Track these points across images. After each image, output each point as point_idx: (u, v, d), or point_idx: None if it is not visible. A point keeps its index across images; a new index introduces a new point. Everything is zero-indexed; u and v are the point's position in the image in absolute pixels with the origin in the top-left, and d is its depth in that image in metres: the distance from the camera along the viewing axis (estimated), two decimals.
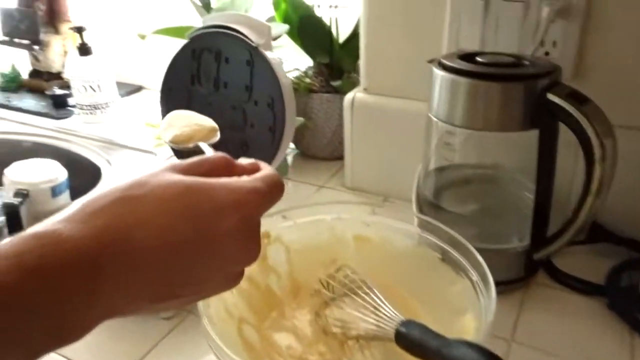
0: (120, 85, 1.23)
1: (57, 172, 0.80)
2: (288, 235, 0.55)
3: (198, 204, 0.29)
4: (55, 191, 0.79)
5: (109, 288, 0.26)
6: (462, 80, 0.54)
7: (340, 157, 0.88)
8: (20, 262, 0.24)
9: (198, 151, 0.42)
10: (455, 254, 0.50)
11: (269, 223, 0.54)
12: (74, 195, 0.83)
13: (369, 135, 0.76)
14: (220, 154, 0.35)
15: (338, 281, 0.49)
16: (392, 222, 0.56)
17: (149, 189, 0.29)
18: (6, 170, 0.78)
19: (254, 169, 0.34)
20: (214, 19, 0.63)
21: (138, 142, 0.99)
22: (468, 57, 0.57)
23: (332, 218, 0.57)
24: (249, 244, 0.31)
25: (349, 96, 0.76)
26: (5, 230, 0.75)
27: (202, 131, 0.47)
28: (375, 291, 0.46)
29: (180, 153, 0.46)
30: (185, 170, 0.31)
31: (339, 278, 0.50)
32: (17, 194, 0.75)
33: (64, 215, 0.27)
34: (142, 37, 0.77)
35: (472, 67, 0.55)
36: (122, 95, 1.20)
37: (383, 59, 0.72)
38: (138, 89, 1.27)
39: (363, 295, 0.46)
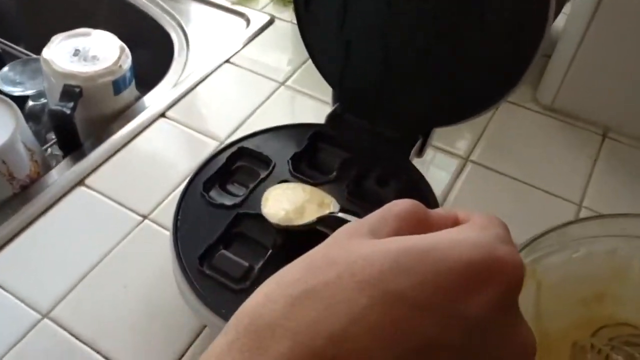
0: None
1: (120, 56, 0.54)
2: (543, 265, 0.34)
3: (425, 274, 0.17)
4: (118, 86, 0.54)
5: None
6: None
7: None
8: None
9: (312, 229, 0.35)
10: None
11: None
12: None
13: (615, 43, 0.48)
14: (408, 200, 0.20)
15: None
16: None
17: (341, 269, 0.17)
18: (45, 51, 0.52)
19: (458, 222, 0.21)
20: None
21: None
22: None
23: (610, 234, 0.35)
24: (519, 328, 0.18)
25: None
26: (57, 149, 0.53)
27: (313, 202, 0.38)
28: None
29: (288, 233, 0.36)
30: (372, 233, 0.19)
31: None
32: (67, 93, 0.51)
33: (225, 338, 0.17)
34: None
35: None
36: None
37: None
38: None
39: None
